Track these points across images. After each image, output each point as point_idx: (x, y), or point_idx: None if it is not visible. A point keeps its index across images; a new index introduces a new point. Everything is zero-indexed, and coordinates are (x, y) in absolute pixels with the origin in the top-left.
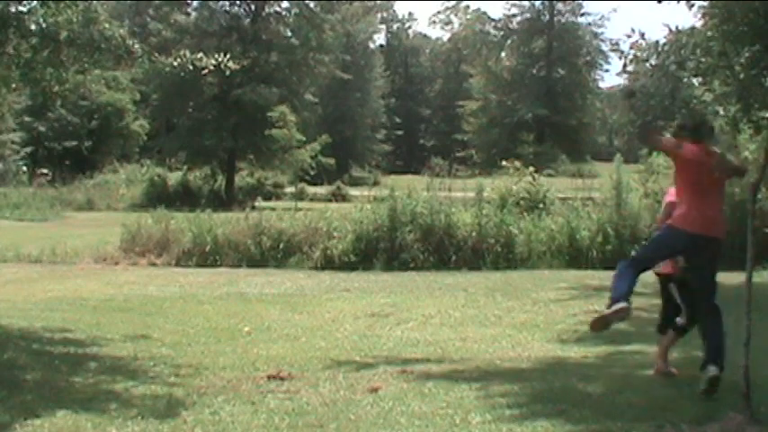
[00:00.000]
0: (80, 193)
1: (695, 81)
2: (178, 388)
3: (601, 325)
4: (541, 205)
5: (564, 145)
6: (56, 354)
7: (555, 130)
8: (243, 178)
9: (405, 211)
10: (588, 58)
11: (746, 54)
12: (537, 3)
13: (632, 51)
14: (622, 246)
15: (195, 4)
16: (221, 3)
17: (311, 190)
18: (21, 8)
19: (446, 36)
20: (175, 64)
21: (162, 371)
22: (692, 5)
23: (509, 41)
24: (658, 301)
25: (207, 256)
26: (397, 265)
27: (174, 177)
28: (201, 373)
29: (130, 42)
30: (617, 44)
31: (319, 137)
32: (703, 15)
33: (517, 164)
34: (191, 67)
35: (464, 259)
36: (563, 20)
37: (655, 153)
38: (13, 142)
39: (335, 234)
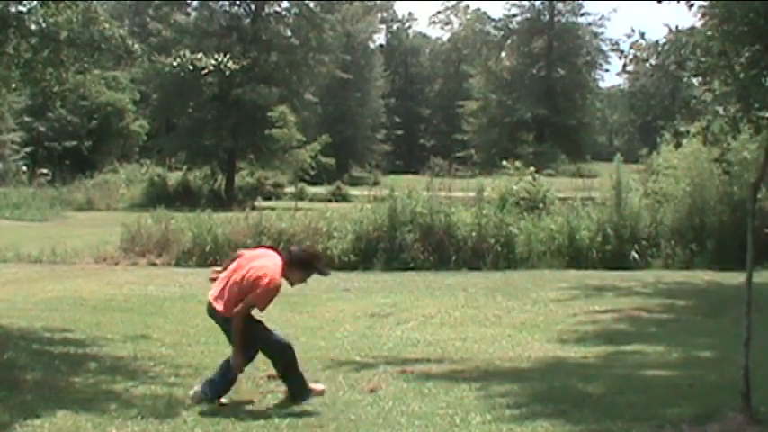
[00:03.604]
0: (80, 193)
1: (695, 81)
2: (178, 388)
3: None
4: (541, 205)
5: (564, 145)
6: (56, 354)
7: (555, 129)
8: (243, 178)
9: (405, 211)
10: (588, 58)
11: (746, 54)
12: (537, 3)
13: (632, 51)
14: (622, 246)
15: (195, 4)
16: (221, 3)
17: (311, 190)
18: (21, 8)
19: (446, 36)
20: (175, 64)
21: (162, 371)
22: (692, 5)
23: (509, 41)
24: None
25: (207, 256)
26: (397, 264)
27: (174, 177)
28: (201, 373)
29: (130, 42)
30: (617, 44)
31: (319, 137)
32: (703, 15)
33: (517, 164)
34: (191, 67)
35: (464, 259)
36: (563, 20)
37: (655, 152)
38: (13, 142)
39: (335, 234)
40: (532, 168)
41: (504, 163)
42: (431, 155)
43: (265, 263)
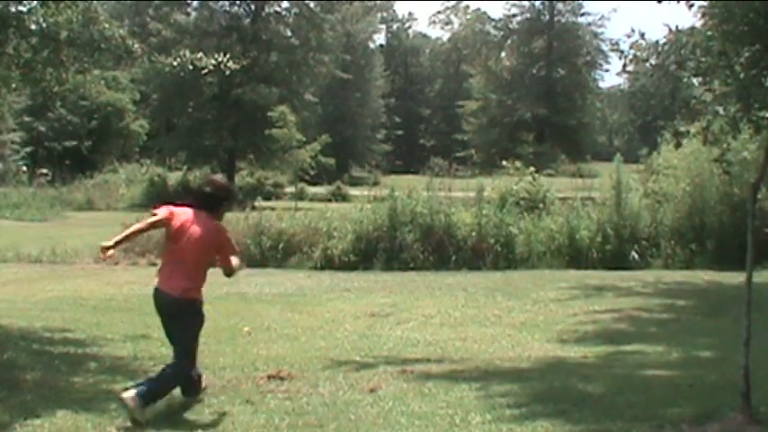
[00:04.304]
0: (80, 192)
1: (695, 81)
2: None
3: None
4: (541, 205)
5: (564, 145)
6: (56, 354)
7: (555, 129)
8: (243, 178)
9: (405, 210)
10: (588, 57)
11: (746, 54)
12: (537, 3)
13: (632, 51)
14: (622, 245)
15: (195, 3)
16: (221, 3)
17: (311, 190)
18: (21, 8)
19: (446, 36)
20: (175, 64)
21: None
22: (692, 5)
23: (509, 41)
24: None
25: None
26: (397, 264)
27: (173, 177)
28: (201, 373)
29: (130, 42)
30: (617, 44)
31: (319, 137)
32: (703, 15)
33: (517, 164)
34: (191, 67)
35: (464, 259)
36: (563, 20)
37: (655, 152)
38: (13, 142)
39: (335, 234)
40: (532, 168)
41: (504, 163)
42: (431, 155)
43: (197, 225)
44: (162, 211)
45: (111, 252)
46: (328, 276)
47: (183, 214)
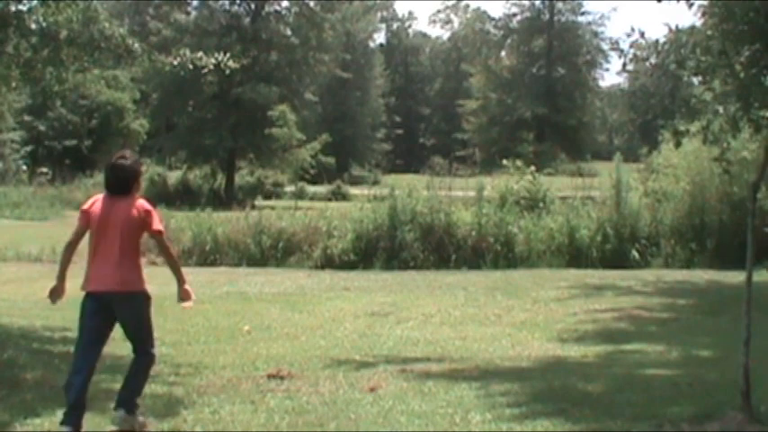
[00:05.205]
0: (80, 192)
1: (695, 80)
2: (178, 387)
3: None
4: (541, 204)
5: (564, 144)
6: (56, 353)
7: (555, 128)
8: (243, 177)
9: (405, 210)
10: (588, 57)
11: (746, 53)
12: (537, 2)
13: (632, 50)
14: (622, 245)
15: (195, 3)
16: (221, 2)
17: (311, 189)
18: (21, 7)
19: (446, 35)
20: (175, 63)
21: (162, 370)
22: (692, 4)
23: (509, 40)
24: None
25: (207, 255)
26: (397, 264)
27: (174, 176)
28: (201, 372)
29: (130, 41)
30: (617, 43)
31: (319, 136)
32: (703, 14)
33: (517, 163)
34: (191, 67)
35: (464, 258)
36: (563, 19)
37: (655, 151)
38: (13, 141)
39: (335, 233)
40: (532, 167)
41: (504, 162)
42: (431, 154)
43: (114, 207)
44: (80, 218)
45: (60, 290)
46: (328, 275)
47: (95, 205)
